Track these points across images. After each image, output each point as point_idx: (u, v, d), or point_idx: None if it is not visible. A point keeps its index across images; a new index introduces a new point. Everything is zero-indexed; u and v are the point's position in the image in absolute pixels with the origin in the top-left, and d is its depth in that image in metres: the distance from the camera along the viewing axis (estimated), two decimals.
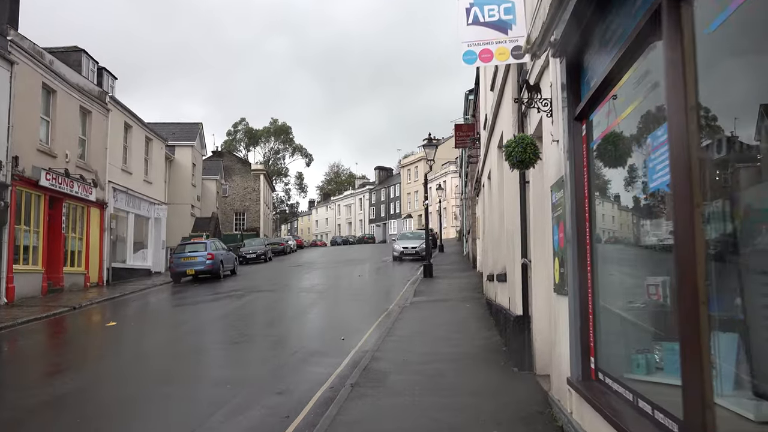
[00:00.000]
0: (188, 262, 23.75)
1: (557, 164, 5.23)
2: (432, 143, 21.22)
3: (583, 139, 4.49)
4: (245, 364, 8.63)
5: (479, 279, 19.60)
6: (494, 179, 10.91)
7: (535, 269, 6.92)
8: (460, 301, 14.21)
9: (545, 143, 5.64)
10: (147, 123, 30.05)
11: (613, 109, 3.79)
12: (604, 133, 4.02)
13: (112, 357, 9.48)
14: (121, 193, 24.74)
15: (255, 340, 10.70)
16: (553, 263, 5.48)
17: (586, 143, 4.46)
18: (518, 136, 5.29)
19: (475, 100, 22.67)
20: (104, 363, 9.04)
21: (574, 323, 4.51)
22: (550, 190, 5.54)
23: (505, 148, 5.36)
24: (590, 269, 4.38)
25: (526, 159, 5.20)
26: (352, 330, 11.09)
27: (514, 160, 5.26)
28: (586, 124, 4.44)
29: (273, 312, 14.49)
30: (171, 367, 8.59)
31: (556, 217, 5.22)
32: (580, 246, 4.48)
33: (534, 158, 5.24)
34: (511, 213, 8.12)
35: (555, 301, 5.47)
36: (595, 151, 4.33)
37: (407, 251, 31.87)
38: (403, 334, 9.91)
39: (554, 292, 5.43)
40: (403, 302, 14.81)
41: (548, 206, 5.73)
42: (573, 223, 4.55)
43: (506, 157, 5.38)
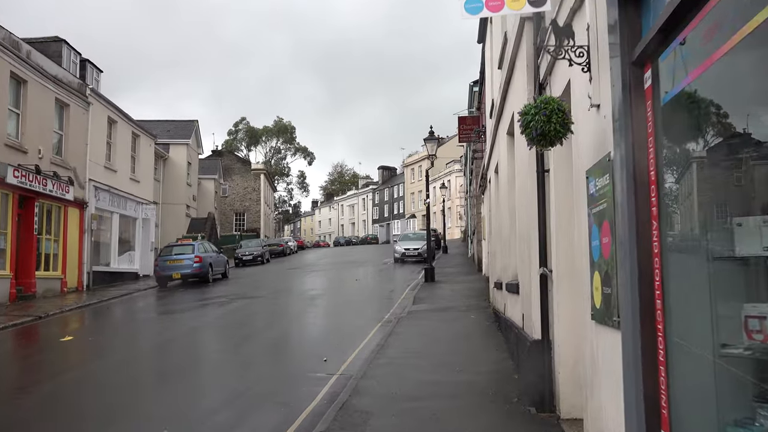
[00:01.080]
0: (174, 266, 22.29)
1: (598, 139, 3.69)
2: (433, 137, 19.68)
3: (647, 94, 2.95)
4: (191, 398, 7.06)
5: (485, 284, 18.03)
6: (503, 171, 9.36)
7: (558, 283, 5.37)
8: (464, 310, 12.66)
9: (576, 112, 4.10)
10: (137, 120, 28.66)
11: (715, 29, 2.24)
12: (694, 75, 2.47)
13: (42, 384, 7.88)
14: (103, 191, 23.28)
15: (216, 362, 9.17)
16: (590, 279, 3.94)
17: (651, 100, 2.91)
18: (540, 98, 3.73)
19: (480, 91, 21.10)
20: (22, 397, 7.32)
21: (633, 374, 2.97)
22: (585, 177, 4.00)
23: (521, 118, 3.80)
24: (660, 292, 2.84)
25: (550, 131, 3.64)
26: (338, 347, 9.57)
27: (533, 133, 3.70)
28: (651, 69, 2.89)
29: (252, 324, 12.96)
30: (105, 401, 7.07)
31: (597, 214, 3.68)
32: (642, 257, 2.94)
33: (562, 130, 3.68)
34: (525, 210, 6.57)
35: (593, 331, 3.92)
36: (668, 110, 2.78)
37: (409, 253, 30.32)
38: (395, 354, 8.36)
39: (592, 319, 3.89)
40: (401, 311, 13.28)
41: (581, 200, 4.19)
42: (630, 222, 3.00)
43: (523, 130, 3.82)
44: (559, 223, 5.35)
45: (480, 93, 21.74)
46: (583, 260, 4.25)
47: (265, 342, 10.65)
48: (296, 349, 9.88)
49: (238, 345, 10.47)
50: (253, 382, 7.50)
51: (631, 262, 2.98)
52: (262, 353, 9.59)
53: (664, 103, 2.79)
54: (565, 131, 3.73)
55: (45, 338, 11.68)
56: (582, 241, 4.22)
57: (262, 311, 14.64)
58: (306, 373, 7.95)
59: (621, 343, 3.15)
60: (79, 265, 21.34)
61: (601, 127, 3.62)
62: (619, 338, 3.22)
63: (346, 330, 11.51)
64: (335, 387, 6.87)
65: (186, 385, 7.60)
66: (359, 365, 7.80)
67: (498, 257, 11.55)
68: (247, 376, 7.98)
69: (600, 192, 3.60)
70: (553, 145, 3.85)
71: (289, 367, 8.41)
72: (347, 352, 8.98)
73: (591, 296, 3.91)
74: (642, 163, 2.99)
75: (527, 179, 6.23)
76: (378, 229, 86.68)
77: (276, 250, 45.76)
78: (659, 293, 2.84)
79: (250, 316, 14.09)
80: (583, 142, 4.10)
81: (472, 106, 24.70)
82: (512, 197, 8.47)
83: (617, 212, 3.21)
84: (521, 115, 3.81)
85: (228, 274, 26.33)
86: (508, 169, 8.57)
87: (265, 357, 9.24)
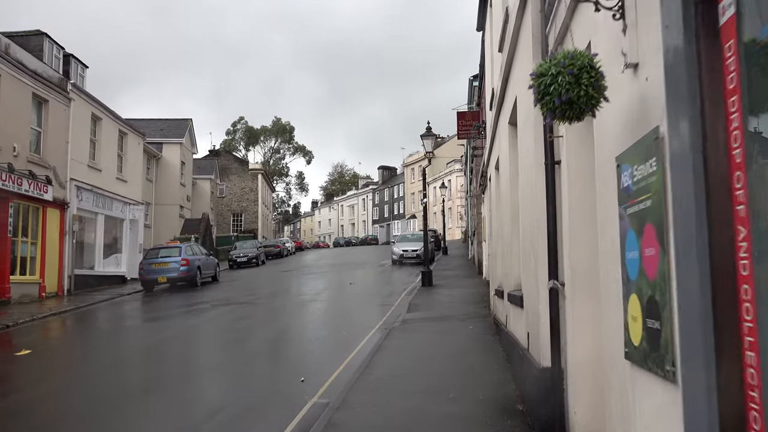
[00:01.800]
0: (160, 269, 21.30)
1: (636, 111, 2.66)
2: (431, 134, 18.64)
3: (725, 31, 1.91)
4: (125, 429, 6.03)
5: (485, 289, 17.00)
6: (504, 167, 8.33)
7: (573, 300, 4.34)
8: (462, 319, 11.62)
9: None
10: (127, 119, 27.70)
11: None
12: None
13: None
14: (87, 191, 22.28)
15: (177, 380, 8.14)
16: (622, 302, 2.92)
17: (734, 40, 1.88)
18: (563, 53, 2.67)
19: (480, 85, 20.08)
20: None
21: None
22: (614, 165, 2.97)
23: (536, 82, 2.72)
24: (754, 338, 1.81)
25: (580, 97, 2.58)
26: (320, 363, 8.56)
27: (554, 101, 2.62)
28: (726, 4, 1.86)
29: (229, 333, 11.92)
30: None
31: (635, 215, 2.65)
32: (720, 280, 1.91)
33: (596, 95, 2.63)
34: (530, 211, 5.55)
35: (627, 374, 2.89)
36: (766, 53, 1.75)
37: (407, 255, 29.30)
38: (381, 375, 7.33)
39: (627, 358, 2.86)
40: (394, 319, 12.26)
41: (607, 196, 3.17)
42: (699, 228, 1.98)
43: (539, 99, 2.73)
44: (574, 226, 4.32)
45: (480, 87, 20.71)
46: (609, 275, 3.23)
47: (239, 355, 9.62)
48: (273, 364, 8.85)
49: (208, 359, 9.46)
50: (212, 410, 6.46)
51: (702, 286, 1.95)
52: (232, 369, 8.56)
53: (761, 39, 1.75)
54: (599, 97, 2.69)
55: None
56: (609, 251, 3.19)
57: (244, 319, 13.61)
58: (278, 395, 6.93)
59: (681, 406, 2.12)
60: (59, 268, 20.34)
61: (640, 95, 2.60)
62: (675, 396, 2.19)
63: (332, 342, 10.49)
64: (307, 418, 5.84)
65: (130, 412, 6.57)
66: (340, 389, 6.77)
67: (499, 261, 10.52)
68: (206, 401, 6.96)
69: (640, 184, 2.57)
70: (582, 117, 2.79)
71: (261, 389, 7.38)
72: (329, 370, 7.95)
73: (624, 327, 2.88)
74: (717, 138, 1.96)
75: (533, 174, 5.20)
76: (378, 230, 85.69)
77: (272, 252, 44.72)
78: (753, 339, 1.81)
79: (229, 324, 13.06)
80: (611, 119, 3.07)
81: (472, 101, 23.67)
82: (515, 195, 7.43)
83: (673, 212, 2.19)
84: (536, 78, 2.74)
85: (218, 277, 25.32)
86: (511, 163, 7.54)
87: (235, 374, 8.21)
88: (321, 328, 12.34)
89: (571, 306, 4.41)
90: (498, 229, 10.54)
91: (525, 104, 5.51)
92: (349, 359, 8.55)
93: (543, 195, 4.82)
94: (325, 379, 7.43)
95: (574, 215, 4.36)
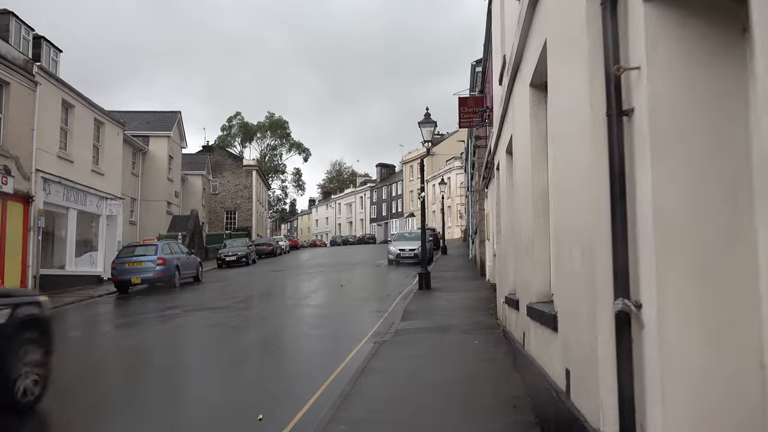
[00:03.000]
0: (134, 269, 19.55)
1: None
2: (430, 121, 16.87)
3: None
4: None
5: (490, 293, 15.27)
6: (522, 146, 6.58)
7: (662, 330, 2.60)
8: (465, 331, 9.87)
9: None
10: (109, 110, 25.94)
11: None
12: None
13: None
14: (56, 184, 20.49)
15: (107, 408, 6.41)
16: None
17: None
18: None
19: (484, 68, 18.34)
20: None
21: None
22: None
23: None
24: None
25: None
26: (288, 392, 6.83)
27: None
28: None
29: (192, 347, 10.15)
30: None
31: None
32: None
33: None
34: (578, 194, 3.79)
35: None
36: None
37: (404, 254, 27.58)
38: (361, 414, 5.58)
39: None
40: (386, 329, 10.53)
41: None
42: None
43: None
44: (669, 213, 2.58)
45: (484, 71, 18.96)
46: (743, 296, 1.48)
47: (193, 380, 7.87)
48: (230, 393, 7.09)
49: (153, 383, 7.71)
50: None
51: None
52: (178, 401, 6.82)
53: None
54: None
55: None
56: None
57: (214, 328, 11.85)
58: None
59: None
60: (22, 267, 18.57)
61: None
62: None
63: (309, 359, 8.74)
64: None
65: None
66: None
67: (511, 263, 8.78)
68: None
69: None
70: None
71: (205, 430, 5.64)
72: (299, 400, 6.22)
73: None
74: None
75: (585, 135, 3.43)
76: (376, 228, 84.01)
77: (265, 251, 42.98)
78: None
79: (193, 335, 11.30)
80: None
81: (475, 89, 21.94)
82: (541, 179, 5.69)
83: None
84: None
85: (201, 277, 23.57)
86: (534, 137, 5.80)
87: (177, 409, 6.46)
88: (300, 340, 10.58)
89: (656, 340, 2.68)
90: (510, 225, 8.79)
91: (567, 28, 3.75)
92: (325, 386, 6.81)
93: (605, 166, 3.07)
94: (290, 417, 5.69)
95: (667, 196, 2.62)
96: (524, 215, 6.71)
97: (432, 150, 72.91)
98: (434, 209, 62.34)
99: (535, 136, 5.81)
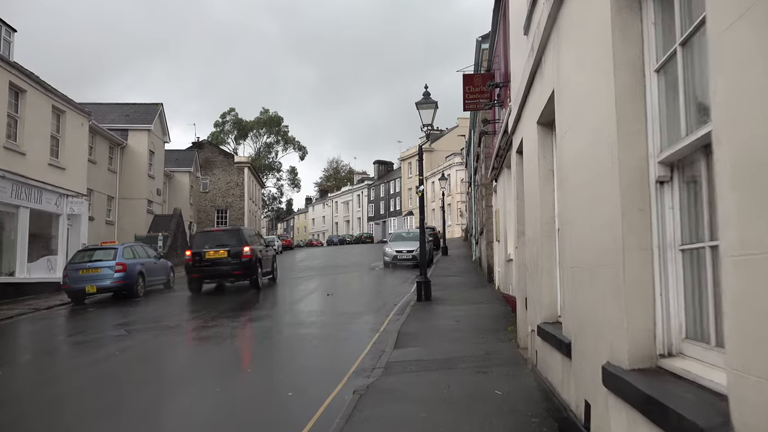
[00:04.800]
0: (88, 276, 16.95)
1: None
2: (429, 100, 14.26)
3: None
4: None
5: (502, 305, 12.69)
6: (582, 92, 3.95)
7: None
8: (479, 368, 7.25)
9: None
10: (82, 102, 23.37)
11: None
12: None
13: None
14: (1, 179, 17.86)
15: None
16: None
17: None
18: None
19: (493, 40, 15.70)
20: None
21: None
22: None
23: None
24: None
25: None
26: None
27: None
28: None
29: (106, 392, 7.46)
30: None
31: None
32: None
33: None
34: None
35: None
36: None
37: (402, 256, 25.01)
38: None
39: None
40: (372, 363, 7.95)
41: None
42: None
43: None
44: None
45: (492, 45, 16.33)
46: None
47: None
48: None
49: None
50: None
51: None
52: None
53: None
54: None
55: None
56: None
57: (156, 354, 9.24)
58: None
59: None
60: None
61: None
62: None
63: (257, 419, 6.12)
64: None
65: None
66: None
67: (545, 278, 6.20)
68: None
69: None
70: None
71: None
72: None
73: None
74: None
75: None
76: (373, 227, 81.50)
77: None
78: None
79: (121, 369, 8.63)
80: None
81: (479, 69, 19.32)
82: (637, 145, 3.10)
83: None
84: None
85: (173, 283, 20.93)
86: (622, 64, 3.20)
87: None
88: (255, 379, 7.94)
89: None
90: (546, 225, 6.20)
91: None
92: None
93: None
94: None
95: None
96: (574, 209, 4.11)
97: (431, 146, 70.25)
98: (434, 207, 59.82)
99: (622, 64, 3.21)
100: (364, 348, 9.16)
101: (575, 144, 4.30)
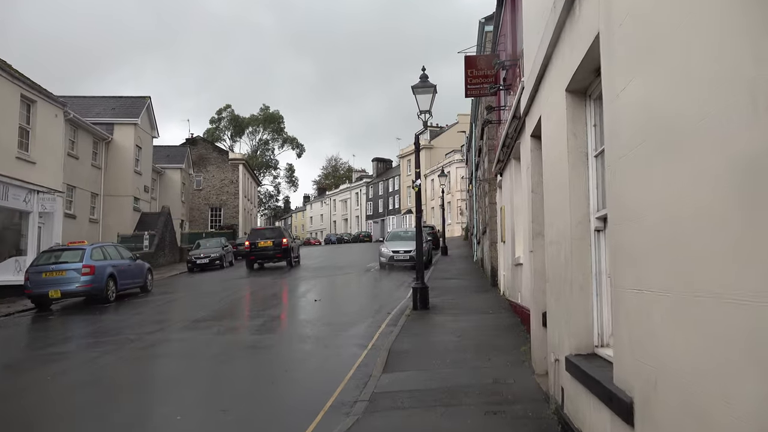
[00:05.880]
0: (52, 280, 15.43)
1: None
2: (427, 84, 12.72)
3: None
4: None
5: (510, 315, 11.16)
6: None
7: None
8: (488, 407, 5.70)
9: None
10: (69, 95, 21.80)
11: None
12: None
13: None
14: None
15: None
16: None
17: None
18: None
19: (498, 19, 14.12)
20: None
21: None
22: None
23: None
24: None
25: None
26: None
27: None
28: None
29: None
30: None
31: None
32: None
33: None
34: None
35: None
36: None
37: (399, 257, 23.45)
38: None
39: None
40: (356, 393, 6.42)
41: None
42: None
43: None
44: None
45: (497, 25, 14.75)
46: None
47: None
48: None
49: None
50: None
51: None
52: None
53: None
54: None
55: None
56: None
57: (79, 389, 7.67)
58: None
59: None
60: None
61: None
62: None
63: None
64: None
65: None
66: None
67: (579, 297, 4.65)
68: None
69: None
70: None
71: None
72: None
73: None
74: None
75: None
76: (372, 226, 79.99)
77: (244, 251, 38.72)
78: None
79: (54, 395, 7.10)
80: None
81: (482, 50, 17.75)
82: None
83: None
84: None
85: (151, 286, 19.39)
86: None
87: None
88: (215, 412, 6.37)
89: None
90: (576, 226, 4.67)
91: None
92: None
93: None
94: None
95: None
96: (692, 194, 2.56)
97: (430, 143, 68.72)
98: (433, 206, 58.29)
99: None
100: (348, 371, 7.62)
101: (653, 94, 2.74)
